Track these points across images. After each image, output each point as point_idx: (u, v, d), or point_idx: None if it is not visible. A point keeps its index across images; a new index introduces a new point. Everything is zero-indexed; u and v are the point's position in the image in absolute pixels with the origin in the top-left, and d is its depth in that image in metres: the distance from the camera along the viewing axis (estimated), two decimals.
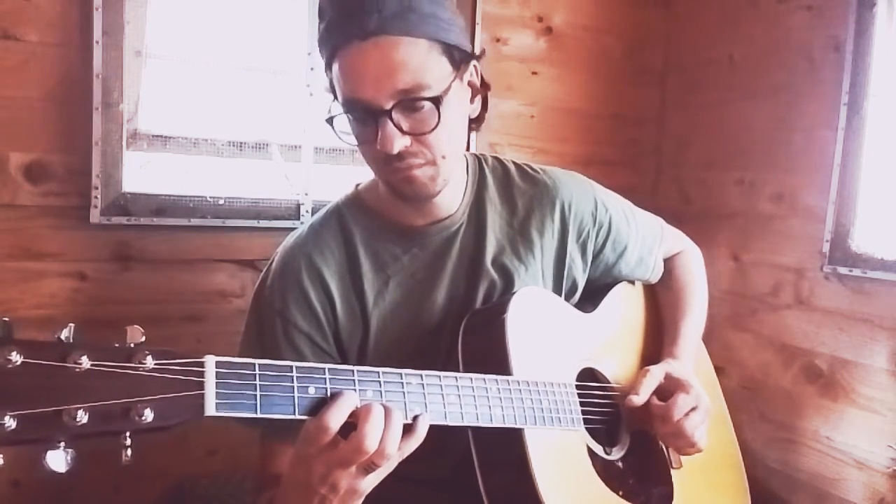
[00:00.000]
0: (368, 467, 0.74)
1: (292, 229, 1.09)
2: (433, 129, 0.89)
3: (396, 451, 0.74)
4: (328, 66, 0.92)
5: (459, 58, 0.92)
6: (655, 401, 1.04)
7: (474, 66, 0.97)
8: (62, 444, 0.58)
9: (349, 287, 1.01)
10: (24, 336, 0.60)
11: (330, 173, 1.78)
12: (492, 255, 1.06)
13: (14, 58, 1.43)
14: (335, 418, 0.71)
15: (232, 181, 1.75)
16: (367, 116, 0.88)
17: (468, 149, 1.88)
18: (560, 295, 1.12)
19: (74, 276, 1.52)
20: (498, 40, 1.96)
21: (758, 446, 1.81)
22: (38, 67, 1.45)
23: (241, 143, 1.74)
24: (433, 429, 0.82)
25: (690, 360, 1.15)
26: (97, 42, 1.47)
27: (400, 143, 0.88)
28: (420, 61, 0.87)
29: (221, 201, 1.66)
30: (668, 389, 1.05)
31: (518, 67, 1.99)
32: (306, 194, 1.74)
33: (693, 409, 1.03)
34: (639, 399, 1.02)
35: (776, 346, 1.83)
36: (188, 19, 1.71)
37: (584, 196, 1.13)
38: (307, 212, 1.73)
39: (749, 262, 1.92)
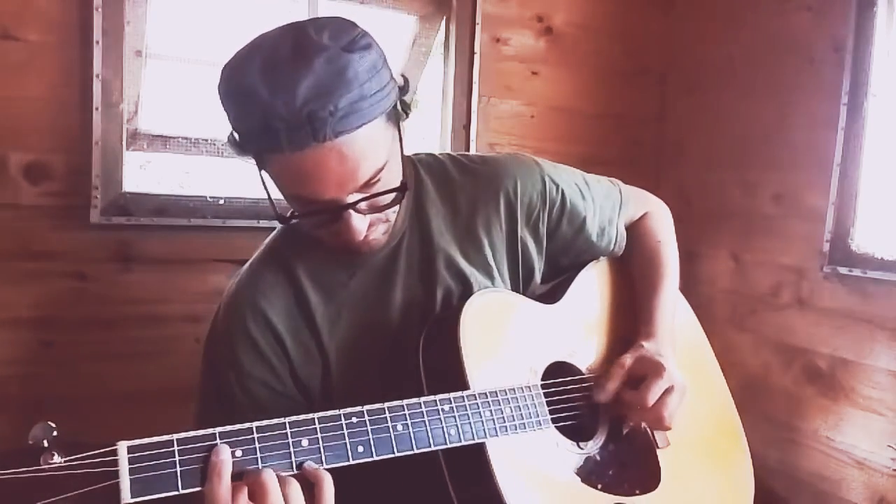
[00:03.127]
0: None
1: None
2: (394, 205, 0.88)
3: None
4: (261, 161, 0.86)
5: (395, 108, 0.88)
6: (626, 391, 1.02)
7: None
8: None
9: (300, 324, 0.97)
10: (20, 337, 0.60)
11: None
12: (443, 260, 1.03)
13: (14, 58, 1.43)
14: (218, 490, 0.68)
15: (232, 181, 1.75)
16: (317, 210, 0.86)
17: (467, 149, 1.89)
18: (518, 284, 1.10)
19: (74, 276, 1.52)
20: (498, 40, 1.96)
21: (758, 446, 1.80)
22: (38, 67, 1.45)
23: None
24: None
25: (667, 333, 1.11)
26: (97, 42, 1.47)
27: (365, 226, 0.87)
28: (375, 145, 0.84)
29: (221, 201, 1.66)
30: (640, 373, 1.03)
31: (518, 67, 1.99)
32: None
33: (667, 391, 1.01)
34: (605, 395, 1.01)
35: (776, 346, 1.83)
36: (188, 19, 1.71)
37: (529, 177, 1.09)
38: None
39: (749, 262, 1.91)
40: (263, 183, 0.89)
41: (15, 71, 1.43)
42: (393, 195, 0.88)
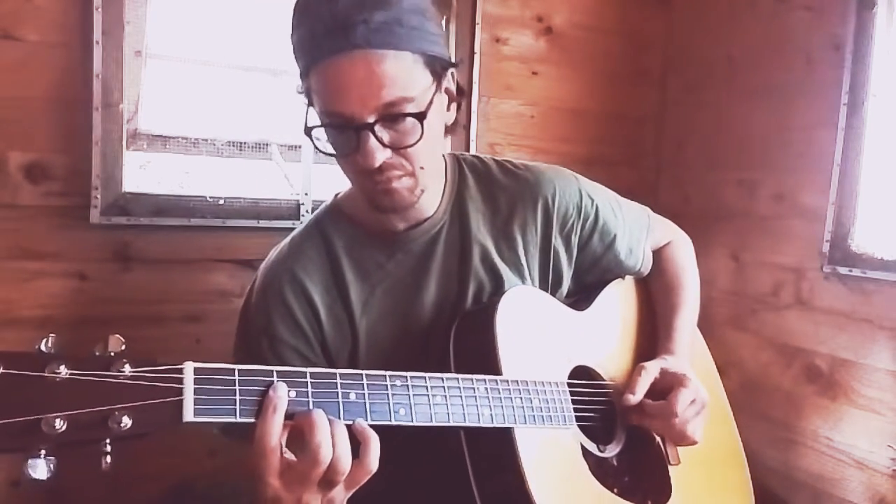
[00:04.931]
0: (331, 482, 0.73)
1: (292, 229, 1.09)
2: (415, 143, 0.88)
3: (350, 460, 0.73)
4: (305, 74, 0.91)
5: (440, 68, 0.92)
6: (650, 401, 1.04)
7: (451, 73, 0.97)
8: (43, 452, 0.60)
9: (335, 298, 1.01)
10: (20, 336, 0.61)
11: (330, 173, 1.78)
12: (479, 254, 1.06)
13: (14, 58, 1.43)
14: (270, 425, 0.70)
15: (232, 181, 1.75)
16: (347, 129, 0.88)
17: (467, 150, 1.90)
18: (546, 288, 1.12)
19: (74, 276, 1.52)
20: (498, 40, 1.96)
21: (758, 446, 1.81)
22: (38, 67, 1.45)
23: (241, 143, 1.75)
24: (427, 431, 0.82)
25: (686, 353, 1.15)
26: (97, 42, 1.47)
27: (381, 156, 0.88)
28: (405, 75, 0.86)
29: (221, 201, 1.66)
30: (665, 385, 1.05)
31: (518, 67, 1.99)
32: (306, 194, 1.74)
33: (692, 401, 1.03)
34: (634, 398, 1.03)
35: (776, 346, 1.83)
36: (188, 19, 1.71)
37: (567, 189, 1.13)
38: (307, 212, 1.73)
39: (749, 262, 1.92)
40: (305, 120, 0.93)
41: (15, 71, 1.43)
42: (416, 136, 0.88)
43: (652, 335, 1.20)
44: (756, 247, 1.90)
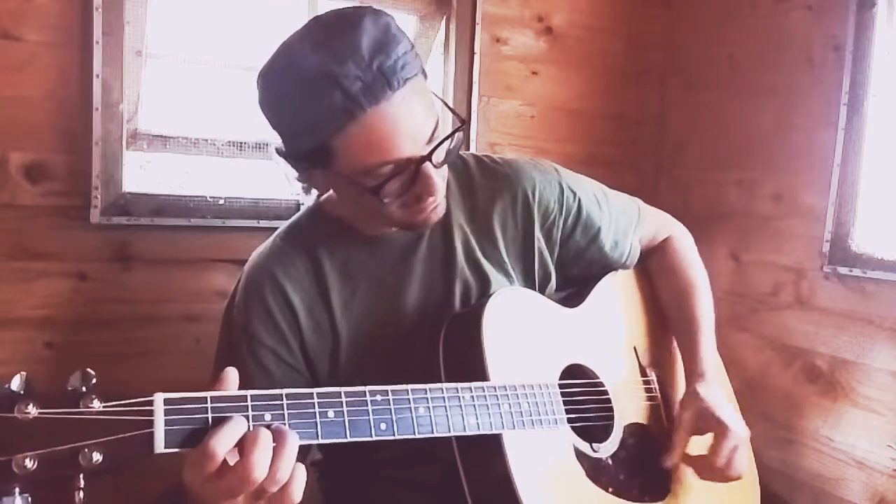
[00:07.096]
0: (260, 494, 0.70)
1: None
2: (448, 158, 0.90)
3: (289, 476, 0.70)
4: (325, 142, 0.86)
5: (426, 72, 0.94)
6: (693, 452, 1.04)
7: None
8: (17, 489, 0.61)
9: (315, 299, 1.00)
10: (20, 336, 0.62)
11: None
12: (462, 253, 1.06)
13: (14, 58, 1.43)
14: (220, 444, 0.67)
15: (232, 181, 1.75)
16: (404, 171, 0.88)
17: (467, 149, 1.89)
18: (534, 286, 1.11)
19: (74, 276, 1.52)
20: (498, 40, 1.95)
21: (758, 446, 1.79)
22: (38, 67, 1.45)
23: (241, 143, 1.74)
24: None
25: (714, 370, 1.13)
26: (97, 42, 1.47)
27: (443, 182, 0.90)
28: (427, 97, 0.89)
29: (221, 201, 1.66)
30: (703, 429, 1.05)
31: (518, 67, 1.99)
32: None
33: (733, 449, 1.03)
34: (674, 459, 1.03)
35: (776, 346, 1.83)
36: (188, 19, 1.71)
37: (547, 182, 1.12)
38: None
39: (749, 262, 1.91)
40: (318, 182, 0.93)
41: (15, 71, 1.43)
42: (451, 146, 0.91)
43: (652, 329, 1.19)
44: (756, 247, 1.89)
